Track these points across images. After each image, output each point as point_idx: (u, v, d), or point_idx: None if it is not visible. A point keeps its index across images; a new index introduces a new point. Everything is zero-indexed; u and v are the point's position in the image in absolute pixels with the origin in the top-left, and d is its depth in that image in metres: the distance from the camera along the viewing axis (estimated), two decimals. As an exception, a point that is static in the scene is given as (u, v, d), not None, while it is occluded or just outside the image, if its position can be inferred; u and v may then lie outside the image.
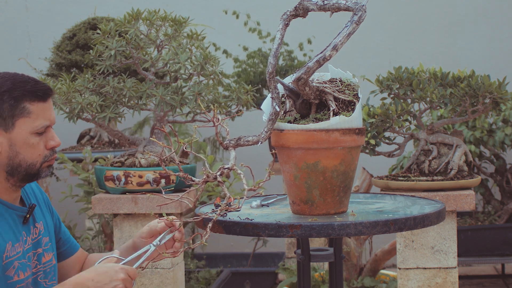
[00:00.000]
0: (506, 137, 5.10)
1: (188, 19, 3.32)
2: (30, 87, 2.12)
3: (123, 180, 3.24)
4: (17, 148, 2.12)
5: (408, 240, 3.24)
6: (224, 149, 2.22)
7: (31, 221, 2.22)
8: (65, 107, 3.19)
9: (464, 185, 3.20)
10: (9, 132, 2.11)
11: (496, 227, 5.19)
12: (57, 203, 4.83)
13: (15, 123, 2.11)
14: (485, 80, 3.13)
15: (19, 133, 2.12)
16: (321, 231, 2.12)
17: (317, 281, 4.49)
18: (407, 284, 3.24)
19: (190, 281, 4.74)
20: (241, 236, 2.23)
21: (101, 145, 5.25)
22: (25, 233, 2.18)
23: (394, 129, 3.31)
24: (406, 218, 2.17)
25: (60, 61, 4.99)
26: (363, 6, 2.22)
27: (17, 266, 2.11)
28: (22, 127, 2.12)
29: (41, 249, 2.23)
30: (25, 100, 2.11)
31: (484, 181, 5.39)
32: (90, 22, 5.09)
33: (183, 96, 3.21)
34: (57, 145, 2.20)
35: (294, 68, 5.38)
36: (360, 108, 2.31)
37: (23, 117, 2.11)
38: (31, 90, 2.12)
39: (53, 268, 2.26)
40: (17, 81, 2.12)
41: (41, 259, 2.22)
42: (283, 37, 2.27)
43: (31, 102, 2.12)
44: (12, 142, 2.12)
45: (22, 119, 2.11)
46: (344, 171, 2.29)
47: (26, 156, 2.14)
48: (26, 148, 2.13)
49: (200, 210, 2.35)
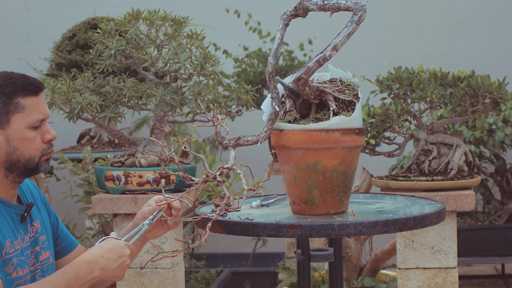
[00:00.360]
0: (506, 137, 5.10)
1: (188, 19, 3.32)
2: (21, 83, 2.15)
3: (123, 180, 3.24)
4: (14, 143, 2.14)
5: (408, 240, 3.24)
6: (224, 149, 2.22)
7: (28, 219, 2.23)
8: (65, 107, 3.19)
9: (464, 185, 3.20)
10: (5, 129, 2.13)
11: (496, 227, 5.19)
12: (57, 203, 4.84)
13: (10, 119, 2.13)
14: (485, 80, 3.13)
15: (15, 129, 2.13)
16: (321, 231, 2.12)
17: (317, 281, 4.49)
18: (407, 284, 3.24)
19: (190, 281, 4.74)
20: (241, 236, 2.23)
21: (101, 145, 5.25)
22: (23, 231, 2.20)
23: (394, 129, 3.31)
24: (406, 218, 2.17)
25: (60, 61, 4.99)
26: (363, 6, 2.22)
27: (16, 263, 2.13)
28: (17, 122, 2.14)
29: (39, 247, 2.25)
30: (17, 95, 2.13)
31: (484, 181, 5.39)
32: (90, 22, 5.09)
33: (183, 96, 3.21)
34: (54, 138, 2.22)
35: (294, 68, 5.38)
36: (360, 108, 2.31)
37: (17, 112, 2.13)
38: (22, 85, 2.14)
39: (50, 266, 2.28)
40: (7, 78, 2.15)
41: (38, 257, 2.24)
42: (283, 37, 2.27)
43: (23, 97, 2.14)
44: (9, 138, 2.13)
45: (16, 114, 2.13)
46: (344, 171, 2.29)
47: (24, 151, 2.15)
48: (24, 143, 2.15)
49: (200, 210, 2.35)
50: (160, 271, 3.30)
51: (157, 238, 2.40)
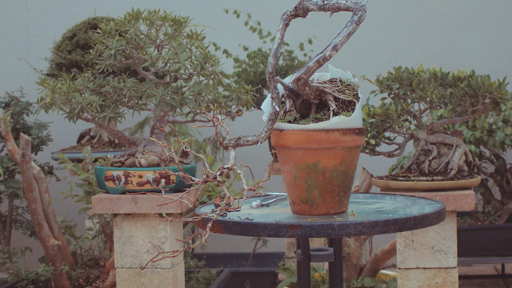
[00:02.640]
0: (506, 137, 5.09)
1: (188, 19, 3.32)
2: None
3: (123, 180, 3.24)
4: None
5: (408, 240, 3.24)
6: (224, 149, 2.22)
7: None
8: (65, 107, 3.19)
9: (464, 185, 3.20)
10: None
11: (496, 227, 5.19)
12: (57, 203, 4.84)
13: None
14: (485, 80, 3.13)
15: None
16: (321, 231, 2.12)
17: (317, 281, 4.49)
18: (407, 284, 3.24)
19: (190, 281, 4.74)
20: (241, 236, 2.23)
21: (101, 145, 5.25)
22: None
23: (394, 129, 3.31)
24: (406, 218, 2.17)
25: (60, 61, 4.99)
26: (363, 6, 2.22)
27: None
28: None
29: None
30: None
31: (484, 181, 5.39)
32: (90, 22, 5.09)
33: (183, 96, 3.21)
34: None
35: (294, 68, 5.38)
36: (360, 108, 2.31)
37: None
38: None
39: None
40: None
41: None
42: (283, 37, 2.27)
43: None
44: None
45: None
46: (344, 171, 2.29)
47: None
48: None
49: (200, 210, 2.35)
50: (160, 271, 3.30)
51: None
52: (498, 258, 5.20)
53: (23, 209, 5.39)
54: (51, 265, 4.35)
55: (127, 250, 3.30)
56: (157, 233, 3.28)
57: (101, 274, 4.47)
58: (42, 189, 4.38)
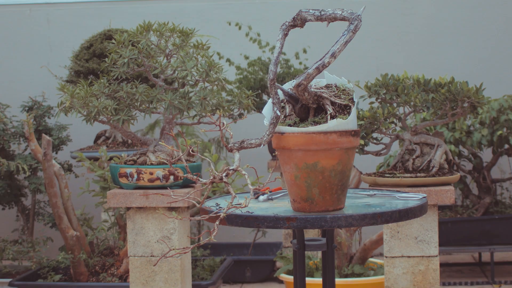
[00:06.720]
0: (482, 137, 5.09)
1: (194, 31, 3.32)
2: None
3: (136, 177, 3.24)
4: None
5: (394, 231, 3.24)
6: (229, 152, 2.21)
7: None
8: (83, 110, 3.19)
9: (444, 181, 3.20)
10: None
11: (473, 219, 5.19)
12: (76, 198, 4.84)
13: None
14: (463, 86, 3.13)
15: None
16: (315, 223, 2.11)
17: (312, 269, 4.49)
18: (393, 271, 3.24)
19: (196, 268, 4.74)
20: (242, 228, 2.23)
21: (115, 145, 5.25)
22: None
23: (381, 130, 3.31)
24: (392, 211, 2.17)
25: (79, 68, 4.99)
26: (359, 15, 2.16)
27: None
28: None
29: None
30: None
31: (463, 177, 5.39)
32: (105, 34, 5.09)
33: (190, 101, 3.21)
34: None
35: (290, 75, 5.38)
36: (355, 111, 2.27)
37: None
38: None
39: None
40: None
41: None
42: (282, 46, 2.21)
43: None
44: None
45: None
46: (342, 170, 2.26)
47: None
48: None
49: (204, 204, 2.34)
50: (169, 259, 3.30)
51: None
52: (475, 248, 5.20)
53: (44, 203, 5.39)
54: (70, 253, 4.35)
55: (139, 240, 3.30)
56: (166, 224, 3.28)
57: (116, 262, 4.47)
58: (62, 185, 4.38)
